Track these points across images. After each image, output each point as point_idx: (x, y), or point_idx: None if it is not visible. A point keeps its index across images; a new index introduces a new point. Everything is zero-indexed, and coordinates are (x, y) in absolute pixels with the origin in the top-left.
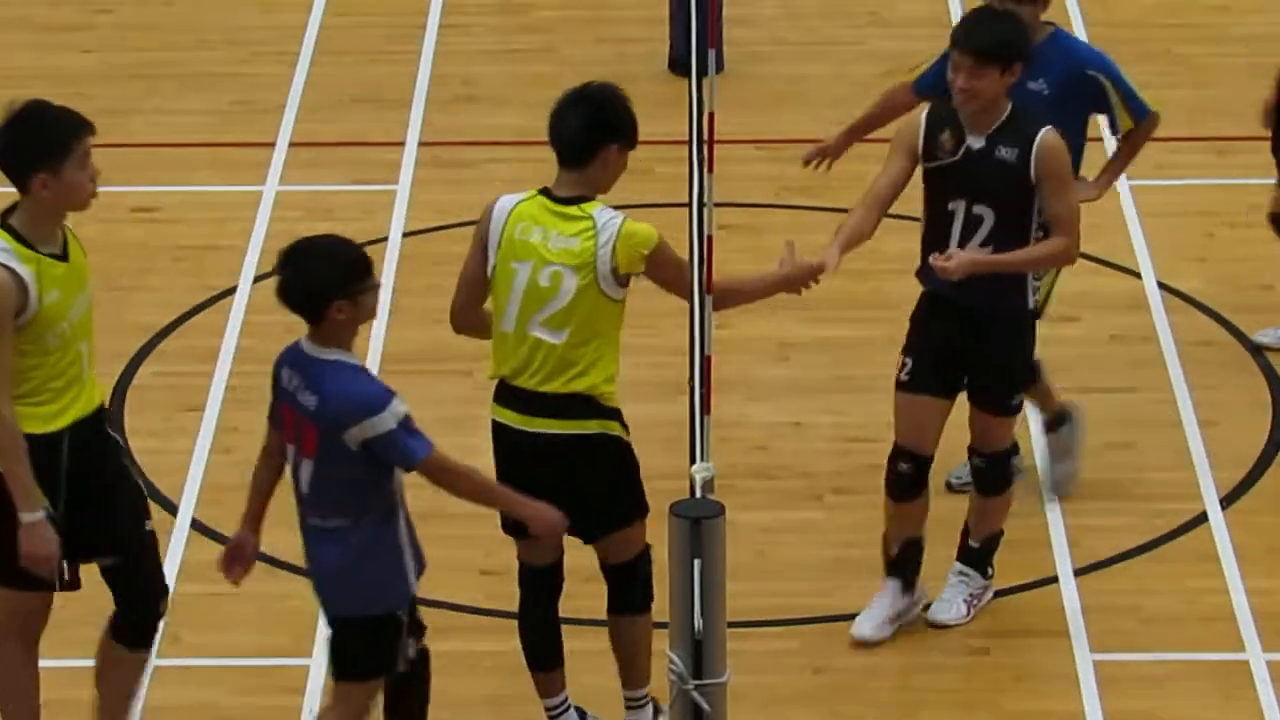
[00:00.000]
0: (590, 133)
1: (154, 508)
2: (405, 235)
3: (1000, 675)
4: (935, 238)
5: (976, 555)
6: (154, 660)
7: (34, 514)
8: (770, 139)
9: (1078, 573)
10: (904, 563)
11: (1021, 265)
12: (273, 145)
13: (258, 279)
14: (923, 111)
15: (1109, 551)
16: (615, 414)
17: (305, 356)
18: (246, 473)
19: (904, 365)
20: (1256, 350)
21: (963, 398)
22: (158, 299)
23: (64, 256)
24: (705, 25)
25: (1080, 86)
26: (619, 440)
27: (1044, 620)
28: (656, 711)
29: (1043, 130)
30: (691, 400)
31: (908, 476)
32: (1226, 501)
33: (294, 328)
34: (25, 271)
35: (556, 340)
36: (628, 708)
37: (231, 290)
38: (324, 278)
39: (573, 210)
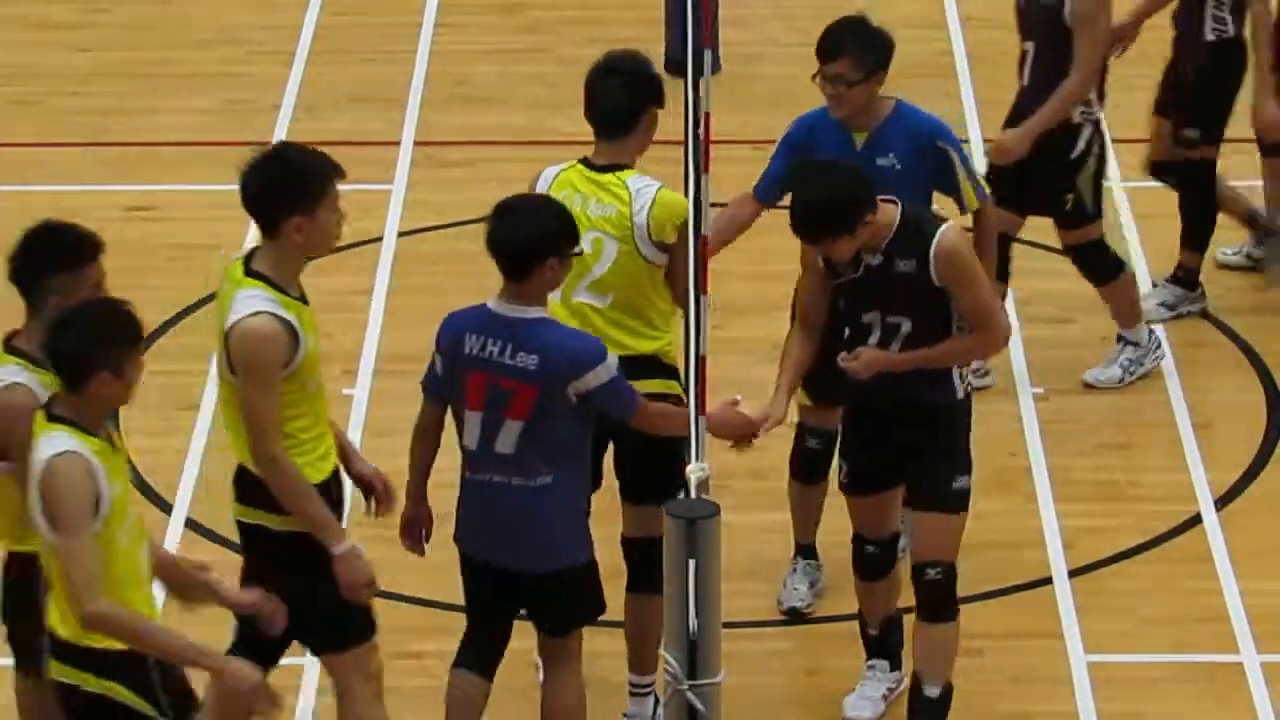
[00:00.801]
0: (634, 100)
1: (149, 506)
2: (400, 235)
3: (994, 677)
4: (855, 345)
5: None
6: None
7: (343, 545)
8: (765, 139)
9: (1072, 574)
10: (886, 642)
11: (933, 362)
12: (268, 144)
13: None
14: None
15: (1103, 553)
16: (676, 374)
17: (505, 319)
18: None
19: (841, 468)
20: (1251, 352)
21: None
22: (154, 298)
23: (305, 299)
24: (701, 26)
25: (929, 158)
26: (680, 400)
27: (1038, 622)
28: (656, 703)
29: (938, 235)
30: (686, 401)
31: (875, 556)
32: (1221, 503)
33: None
34: (292, 319)
35: (601, 304)
36: (631, 693)
37: None
38: (546, 232)
39: (609, 179)
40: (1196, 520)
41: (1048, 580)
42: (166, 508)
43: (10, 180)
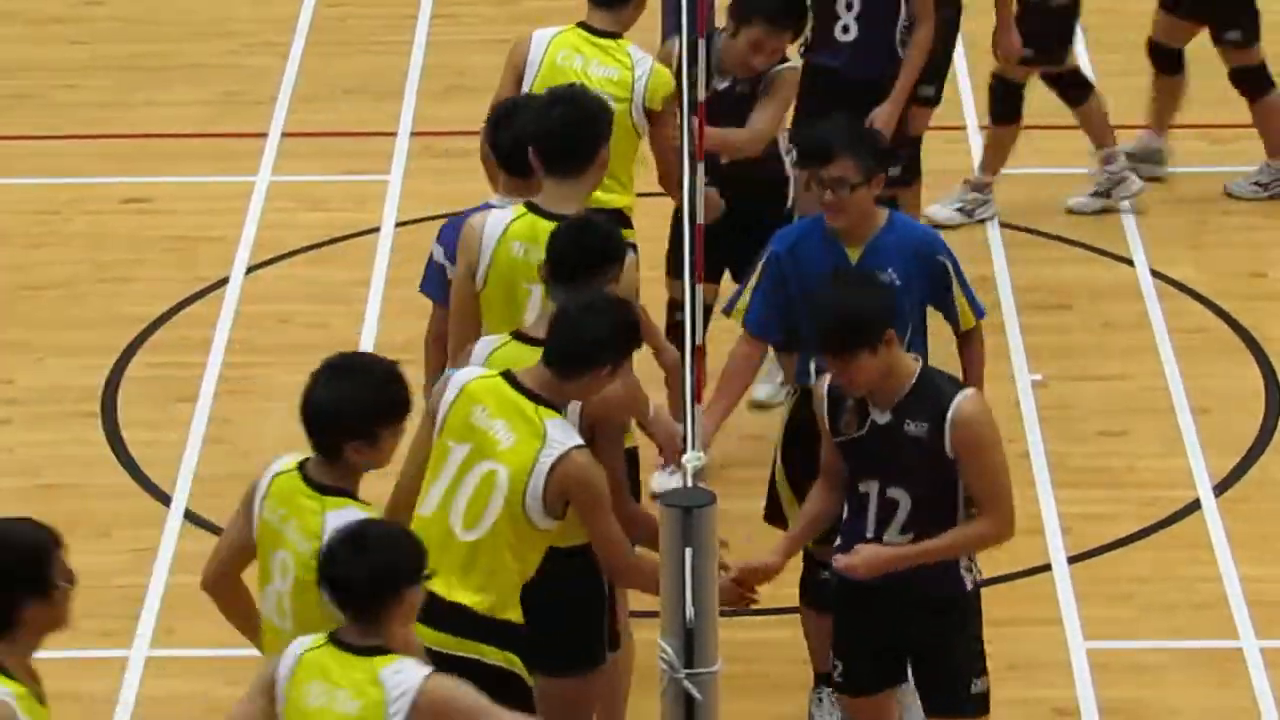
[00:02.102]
0: None
1: (146, 498)
2: (398, 225)
3: (993, 664)
4: (851, 523)
5: None
6: (146, 651)
7: None
8: None
9: (1071, 560)
10: None
11: (940, 554)
12: (265, 136)
13: (250, 270)
14: (824, 384)
15: (1102, 539)
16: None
17: None
18: (239, 463)
19: (835, 666)
20: (1250, 337)
21: None
22: (150, 290)
23: None
24: (695, 16)
25: (928, 272)
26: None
27: (1037, 608)
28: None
29: (957, 399)
30: (682, 389)
31: None
32: (1220, 489)
33: (287, 317)
34: None
35: None
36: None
37: (224, 281)
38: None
39: (610, 44)
40: (1195, 506)
41: (1046, 567)
42: (165, 499)
43: (7, 173)
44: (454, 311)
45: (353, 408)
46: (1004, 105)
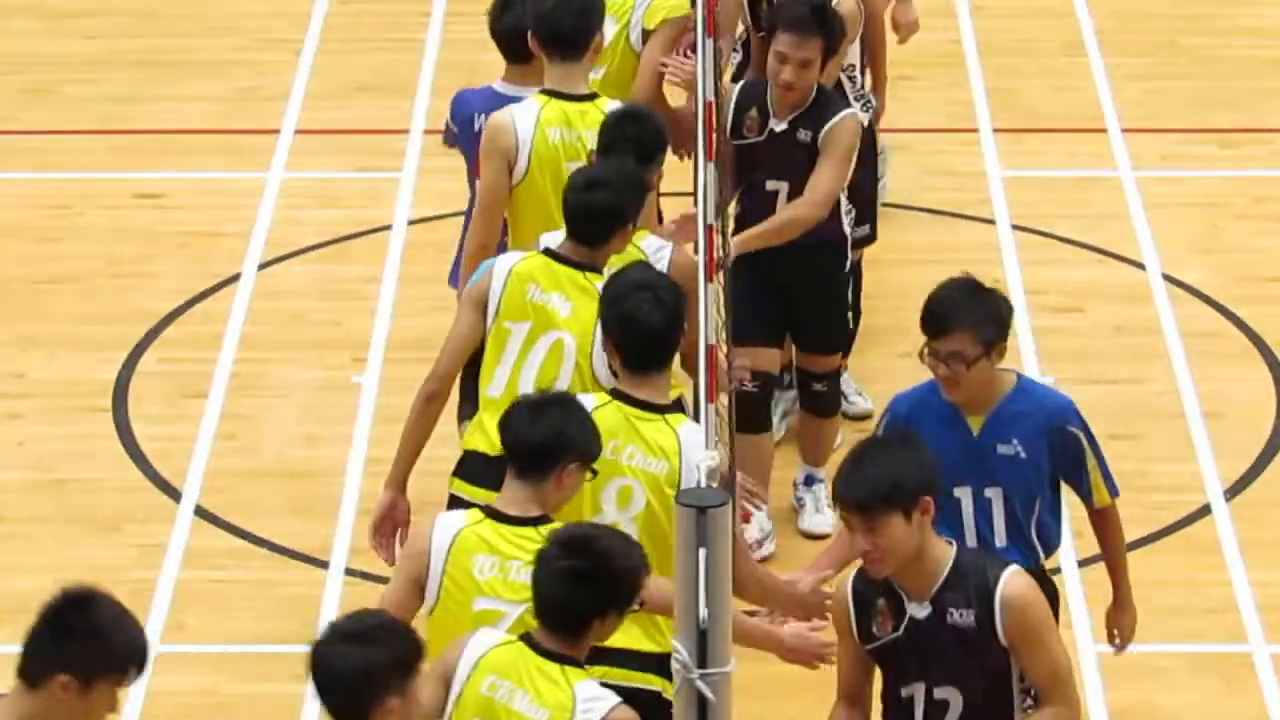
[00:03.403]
0: None
1: (157, 493)
2: (410, 223)
3: None
4: None
5: None
6: (157, 646)
7: None
8: None
9: (1080, 564)
10: None
11: None
12: (278, 132)
13: (262, 266)
14: (847, 584)
15: None
16: None
17: None
18: (250, 459)
19: None
20: (1261, 342)
21: None
22: (162, 285)
23: None
24: (706, 14)
25: (1058, 444)
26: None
27: None
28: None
29: (1003, 579)
30: (695, 389)
31: None
32: (1230, 493)
33: (300, 314)
34: None
35: (595, 75)
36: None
37: (236, 277)
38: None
39: None
40: (1206, 511)
41: (1056, 570)
42: (176, 495)
43: (21, 167)
44: (484, 204)
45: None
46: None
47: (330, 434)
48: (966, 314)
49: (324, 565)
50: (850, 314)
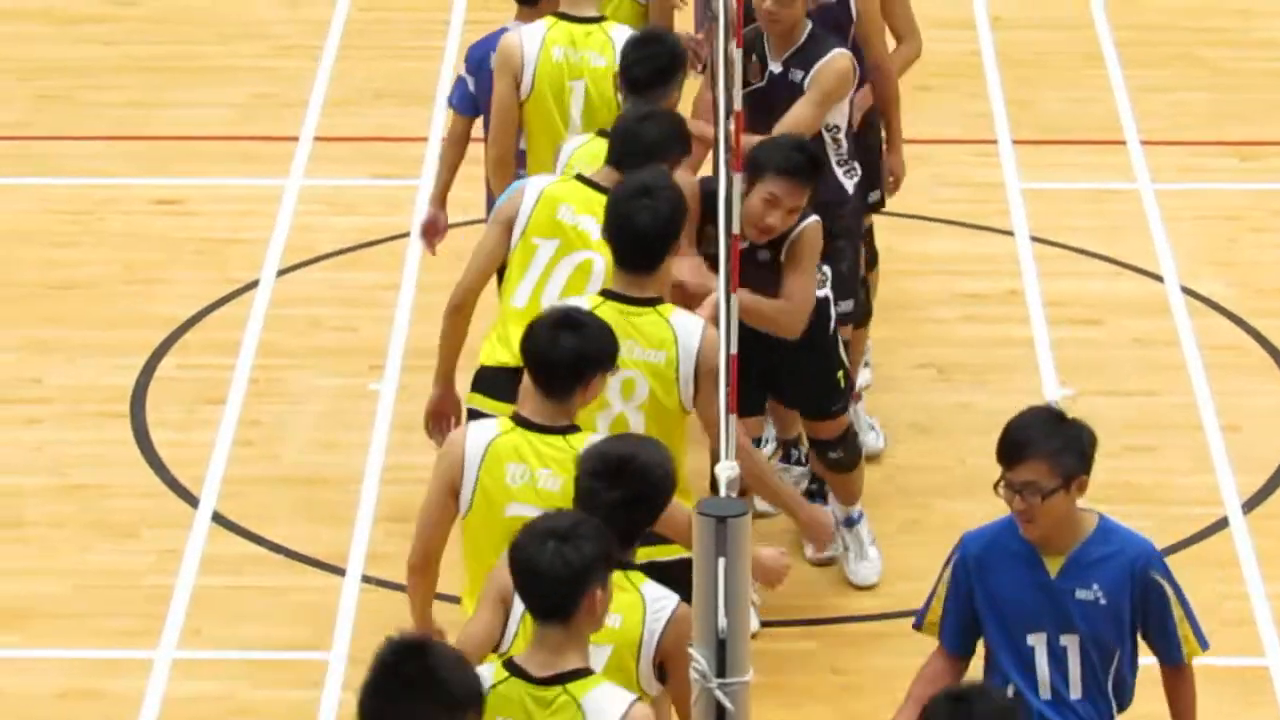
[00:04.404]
0: None
1: (174, 499)
2: None
3: None
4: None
5: None
6: (173, 652)
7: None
8: None
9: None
10: None
11: None
12: (296, 139)
13: (280, 273)
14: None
15: None
16: None
17: None
18: (266, 466)
19: None
20: (1279, 354)
21: None
22: (180, 292)
23: None
24: (730, 25)
25: (1141, 591)
26: None
27: None
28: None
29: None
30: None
31: None
32: (1248, 506)
33: (317, 321)
34: None
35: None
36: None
37: (254, 284)
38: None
39: None
40: (1223, 524)
41: None
42: (193, 501)
43: (39, 173)
44: (497, 122)
45: None
46: None
47: (347, 441)
48: (1044, 442)
49: (340, 572)
50: (842, 372)
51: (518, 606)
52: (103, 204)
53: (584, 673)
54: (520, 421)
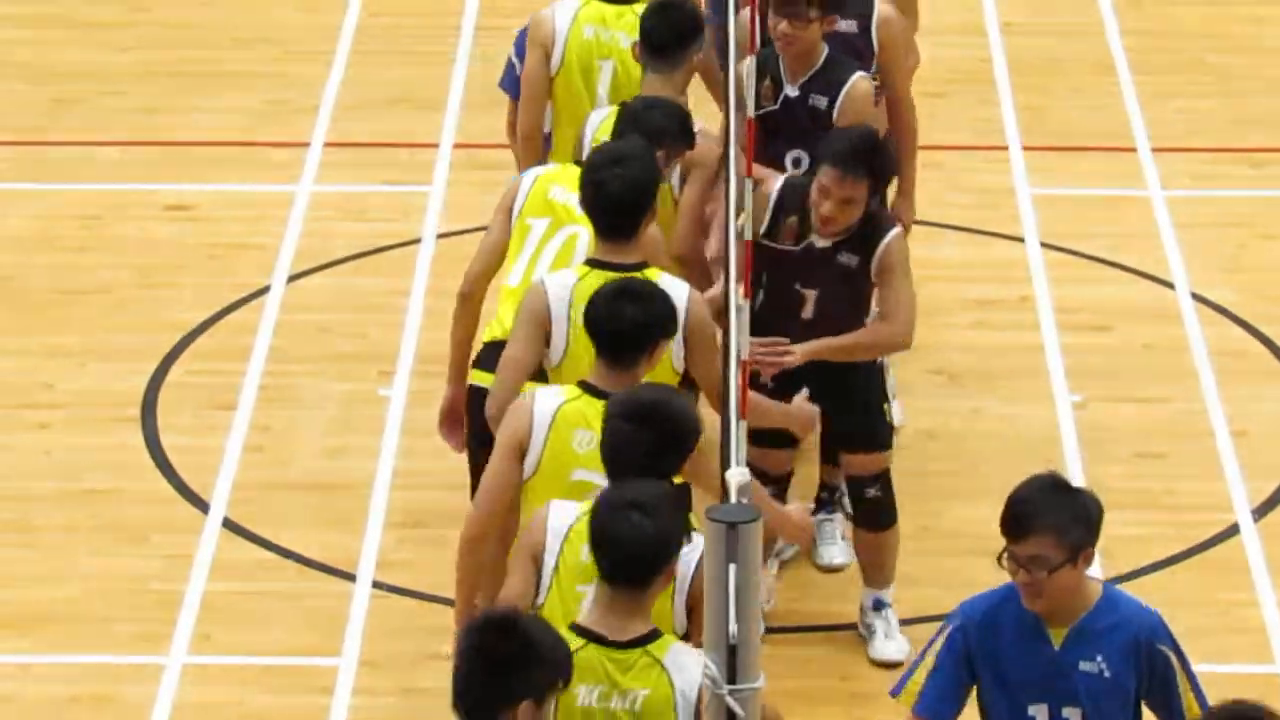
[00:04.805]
0: None
1: (184, 504)
2: (439, 237)
3: None
4: None
5: None
6: (184, 657)
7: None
8: None
9: (1108, 582)
10: None
11: None
12: (307, 145)
13: (291, 278)
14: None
15: (1139, 562)
16: None
17: None
18: (277, 472)
19: None
20: None
21: None
22: (191, 297)
23: None
24: (741, 45)
25: (1146, 663)
26: None
27: None
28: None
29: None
30: (725, 405)
31: None
32: (1258, 513)
33: (328, 327)
34: None
35: None
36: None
37: (265, 289)
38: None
39: None
40: (1234, 530)
41: None
42: (203, 506)
43: (52, 178)
44: (527, 94)
45: None
46: None
47: (358, 446)
48: (1050, 515)
49: (351, 578)
50: (888, 405)
51: (548, 564)
52: (115, 209)
53: (657, 634)
54: (587, 388)
